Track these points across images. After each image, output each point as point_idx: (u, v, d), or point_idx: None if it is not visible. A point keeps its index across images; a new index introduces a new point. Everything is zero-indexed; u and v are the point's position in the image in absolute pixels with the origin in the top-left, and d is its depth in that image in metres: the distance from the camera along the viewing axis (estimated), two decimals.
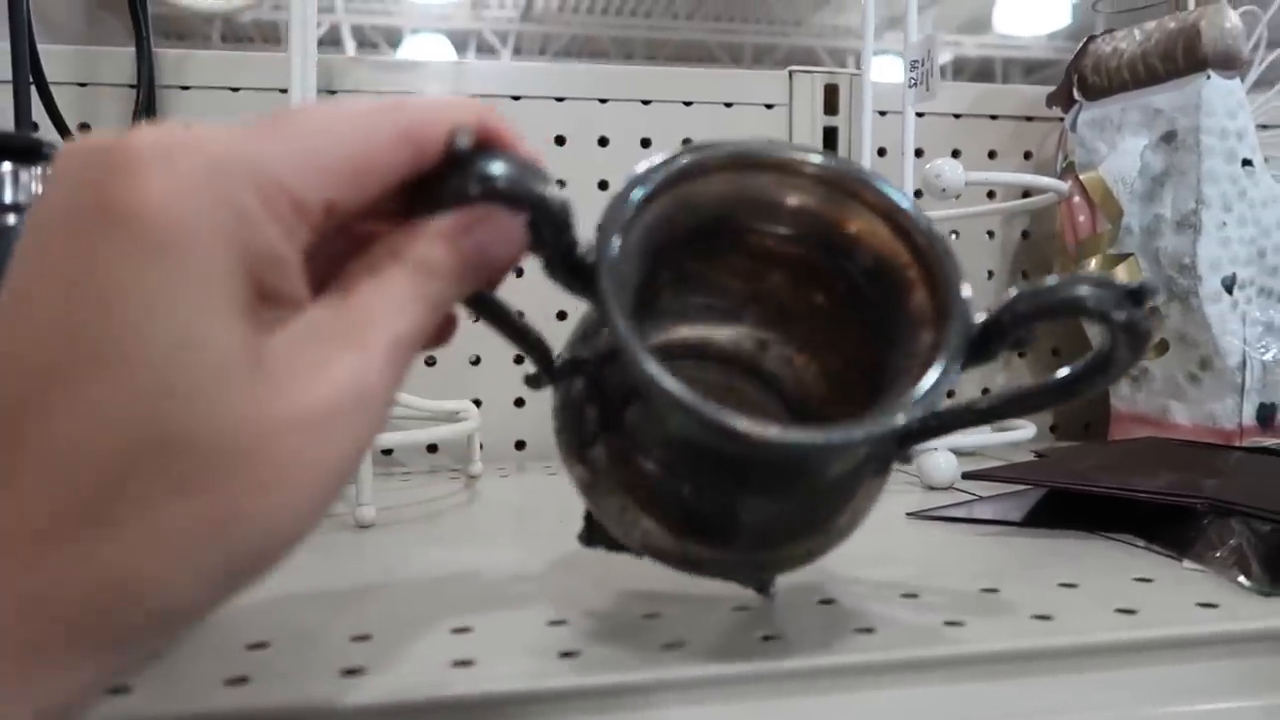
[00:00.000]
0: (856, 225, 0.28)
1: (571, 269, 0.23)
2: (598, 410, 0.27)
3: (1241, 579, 0.34)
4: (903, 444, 0.28)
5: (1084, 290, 0.24)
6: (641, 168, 0.25)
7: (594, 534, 0.31)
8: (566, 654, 0.28)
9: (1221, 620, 0.30)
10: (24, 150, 0.30)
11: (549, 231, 0.22)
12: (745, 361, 0.33)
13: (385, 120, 0.20)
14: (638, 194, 0.24)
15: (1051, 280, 0.25)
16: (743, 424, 0.22)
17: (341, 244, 0.22)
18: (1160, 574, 0.35)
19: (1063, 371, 0.27)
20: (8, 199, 0.30)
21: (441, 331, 0.25)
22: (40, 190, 0.19)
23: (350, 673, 0.26)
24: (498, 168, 0.21)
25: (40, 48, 0.50)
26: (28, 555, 0.16)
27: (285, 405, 0.18)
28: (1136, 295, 0.24)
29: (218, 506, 0.17)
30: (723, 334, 0.33)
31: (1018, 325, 0.25)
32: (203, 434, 0.17)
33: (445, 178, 0.21)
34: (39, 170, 0.30)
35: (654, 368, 0.22)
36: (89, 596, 0.16)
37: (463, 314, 0.25)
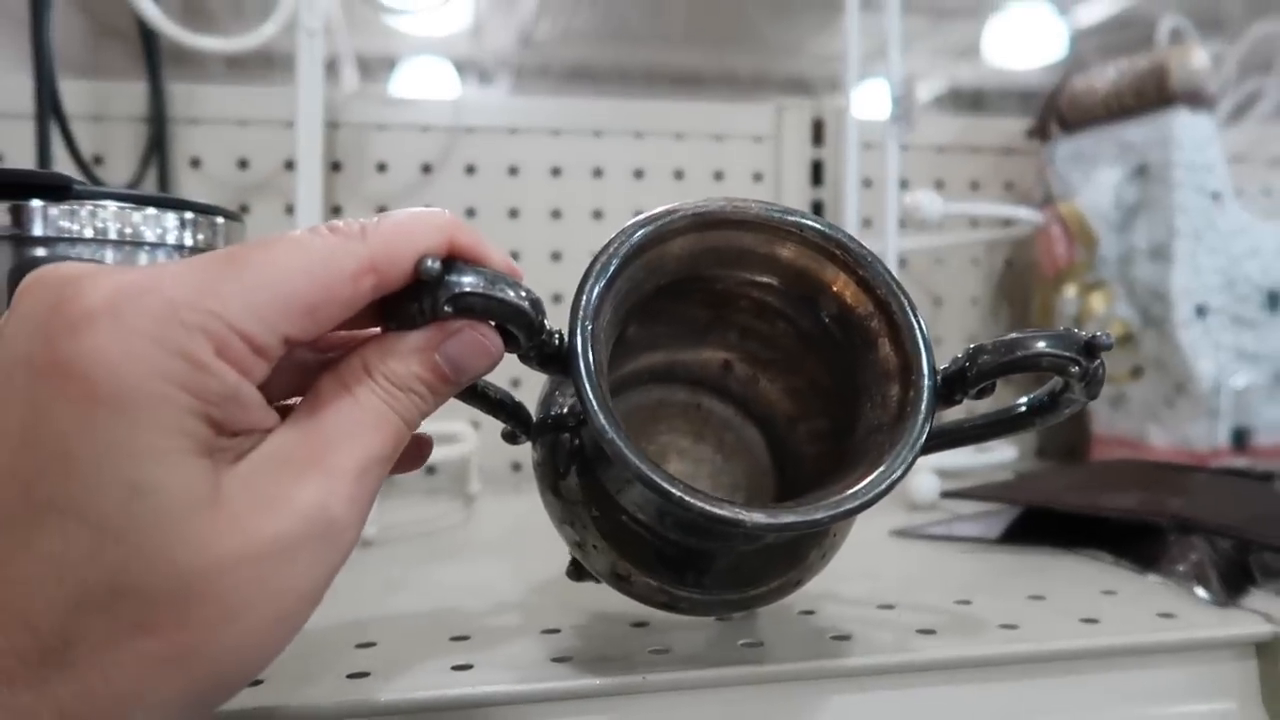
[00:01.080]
0: (821, 278, 0.29)
1: (546, 360, 0.24)
2: (576, 465, 0.28)
3: (1200, 591, 0.35)
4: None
5: (1041, 347, 0.25)
6: (601, 249, 0.26)
7: (581, 570, 0.32)
8: (560, 659, 0.29)
9: (1178, 629, 0.32)
10: (52, 188, 0.32)
11: (523, 334, 0.23)
12: (712, 382, 0.34)
13: (347, 255, 0.20)
14: (599, 285, 0.25)
15: (1011, 336, 0.26)
16: (727, 511, 0.23)
17: (311, 356, 0.22)
18: (1125, 587, 0.37)
19: (1020, 405, 0.28)
20: (37, 232, 0.32)
21: (416, 456, 0.26)
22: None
23: (356, 676, 0.28)
24: (469, 283, 0.21)
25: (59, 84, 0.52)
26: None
27: (246, 539, 0.18)
28: (1089, 349, 0.25)
29: (176, 643, 0.17)
30: (689, 357, 0.34)
31: (980, 379, 0.26)
32: (155, 578, 0.17)
33: (416, 297, 0.21)
34: (68, 208, 0.32)
35: (640, 461, 0.23)
36: None
37: None
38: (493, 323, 0.23)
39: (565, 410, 0.28)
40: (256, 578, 0.18)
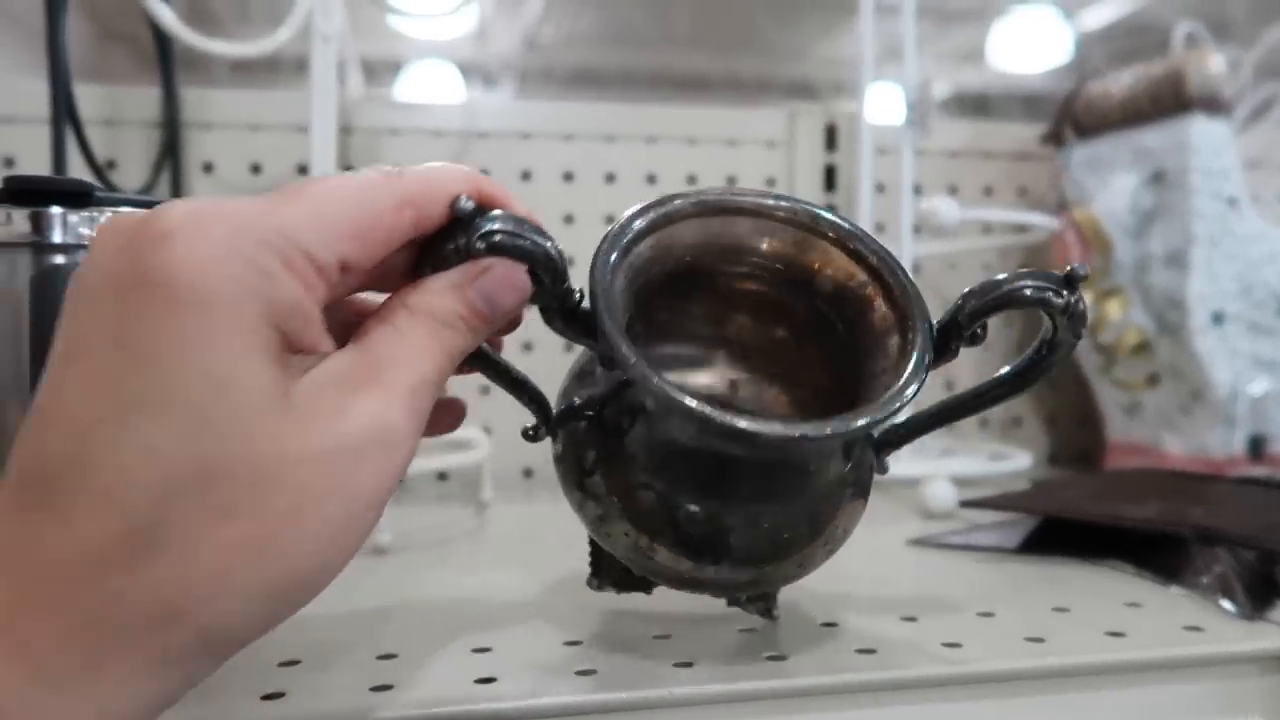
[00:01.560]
0: (815, 257, 0.31)
1: (568, 312, 0.26)
2: (597, 446, 0.28)
3: (1226, 604, 0.35)
4: (880, 449, 0.31)
5: (1024, 283, 0.27)
6: (624, 215, 0.28)
7: (602, 578, 0.33)
8: (583, 672, 0.29)
9: (1207, 643, 0.32)
10: (73, 194, 0.31)
11: (547, 279, 0.25)
12: (720, 401, 0.35)
13: (388, 188, 0.22)
14: (626, 235, 0.27)
15: (994, 278, 0.28)
16: (746, 423, 0.24)
17: (354, 311, 0.24)
18: (1149, 599, 0.37)
19: (1020, 362, 0.30)
20: (56, 239, 0.31)
21: (450, 419, 0.28)
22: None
23: (379, 689, 0.28)
24: (499, 224, 0.23)
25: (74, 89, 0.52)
26: (86, 579, 0.18)
27: (313, 440, 0.20)
28: (1069, 281, 0.27)
29: (254, 531, 0.19)
30: (696, 379, 0.34)
31: (971, 321, 0.28)
32: (238, 465, 0.19)
33: (450, 237, 0.23)
34: (87, 214, 0.31)
35: (660, 379, 0.25)
36: (142, 615, 0.18)
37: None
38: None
39: (584, 395, 0.29)
40: (327, 475, 0.20)
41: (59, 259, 0.32)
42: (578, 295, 0.26)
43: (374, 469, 0.21)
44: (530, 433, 0.30)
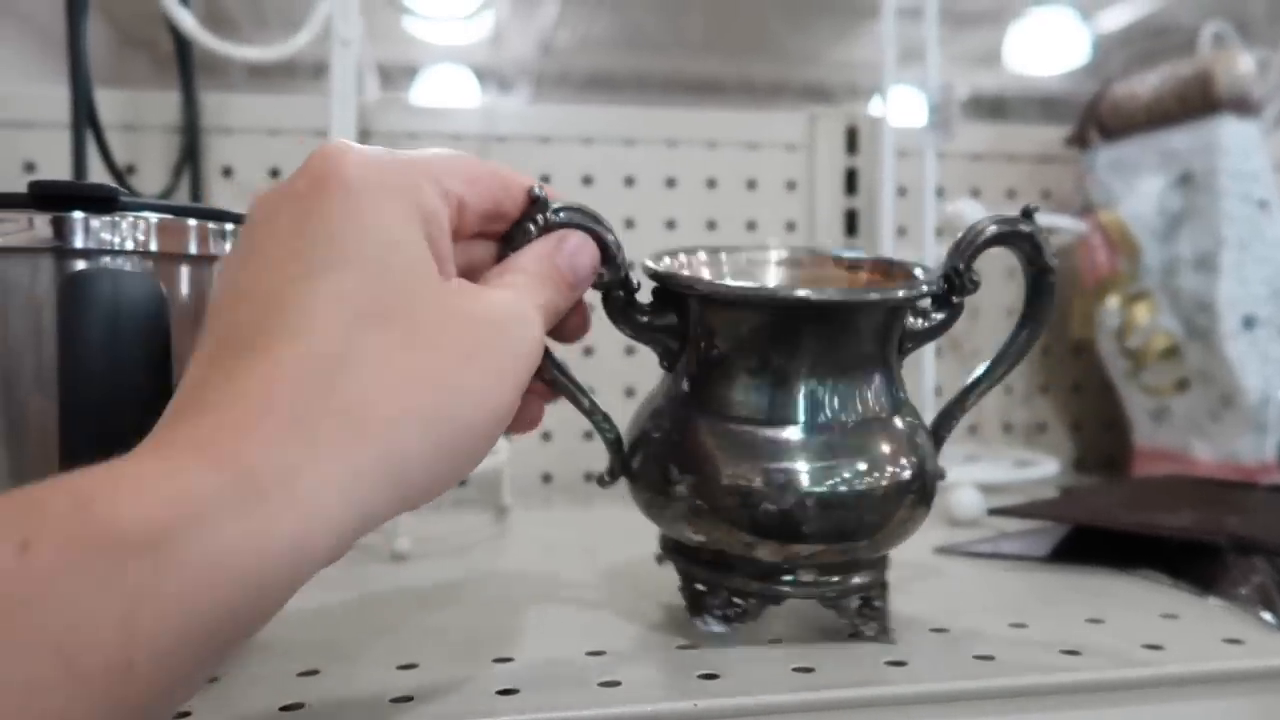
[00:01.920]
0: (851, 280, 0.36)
1: (629, 294, 0.31)
2: (677, 452, 0.31)
3: (1266, 615, 0.34)
4: (939, 439, 0.33)
5: (990, 227, 0.31)
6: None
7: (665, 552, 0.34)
8: (607, 684, 0.28)
9: (1247, 656, 0.31)
10: (97, 200, 0.31)
11: (612, 250, 0.30)
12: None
13: (484, 164, 0.27)
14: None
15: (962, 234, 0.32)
16: (807, 291, 0.29)
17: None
18: (1186, 610, 0.36)
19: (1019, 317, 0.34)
20: (79, 244, 0.31)
21: (578, 328, 0.30)
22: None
23: (400, 700, 0.27)
24: (566, 207, 0.28)
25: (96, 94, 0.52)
26: (288, 396, 0.20)
27: (466, 305, 0.23)
28: (1026, 214, 0.32)
29: (433, 364, 0.22)
30: None
31: (963, 271, 0.32)
32: (415, 306, 0.22)
33: (529, 218, 0.28)
34: (110, 219, 0.31)
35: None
36: (335, 430, 0.20)
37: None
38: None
39: (652, 418, 0.32)
40: (483, 334, 0.23)
41: (81, 264, 0.31)
42: (636, 284, 0.31)
43: (517, 341, 0.24)
44: (605, 478, 0.33)
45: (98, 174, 0.54)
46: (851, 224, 0.71)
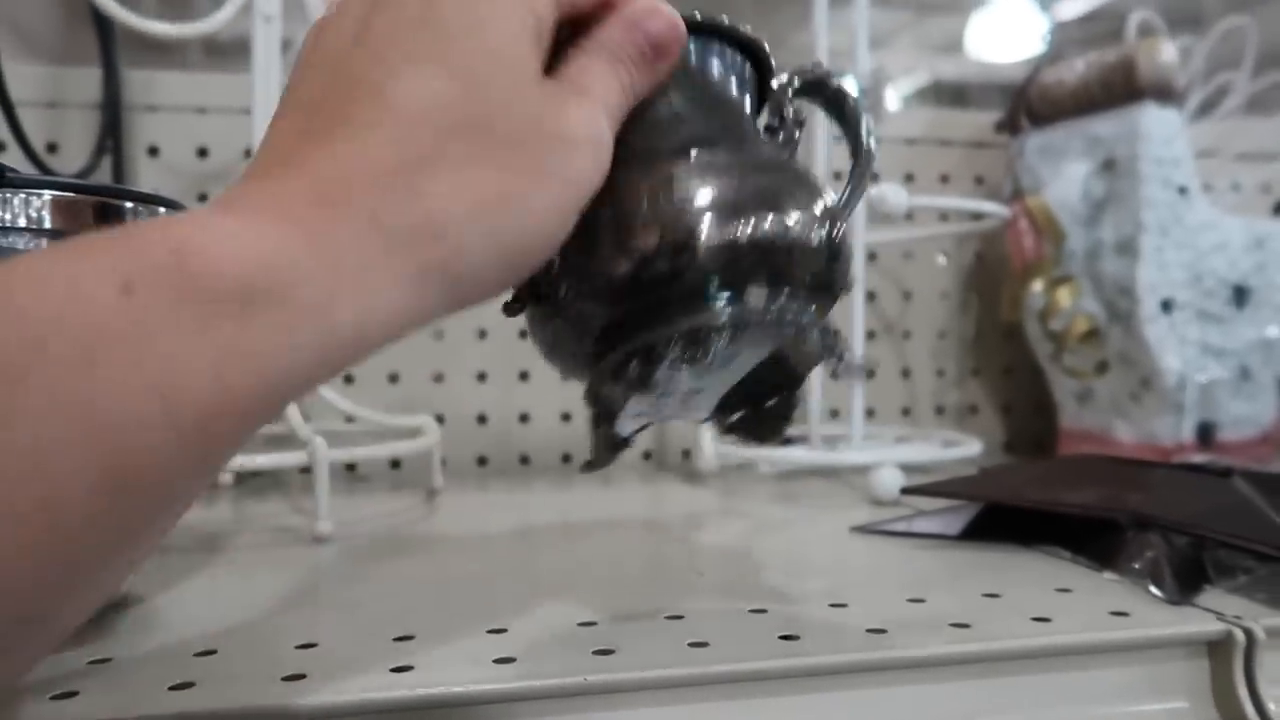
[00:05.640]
0: None
1: None
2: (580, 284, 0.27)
3: (1153, 589, 0.35)
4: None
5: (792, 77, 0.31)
6: None
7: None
8: (502, 660, 0.29)
9: (1130, 627, 0.32)
10: None
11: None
12: None
13: None
14: None
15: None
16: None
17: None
18: (1080, 584, 0.37)
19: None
20: None
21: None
22: None
23: (292, 678, 0.27)
24: None
25: (8, 68, 0.51)
26: (375, 188, 0.21)
27: (555, 122, 0.23)
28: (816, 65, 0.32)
29: (509, 181, 0.22)
30: None
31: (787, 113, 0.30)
32: (505, 123, 0.23)
33: None
34: (1, 195, 0.31)
35: None
36: (413, 226, 0.21)
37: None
38: None
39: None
40: (561, 153, 0.23)
41: None
42: None
43: (588, 162, 0.24)
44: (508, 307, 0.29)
45: (14, 154, 0.53)
46: None
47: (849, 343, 0.30)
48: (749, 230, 0.25)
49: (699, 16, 0.28)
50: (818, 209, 0.27)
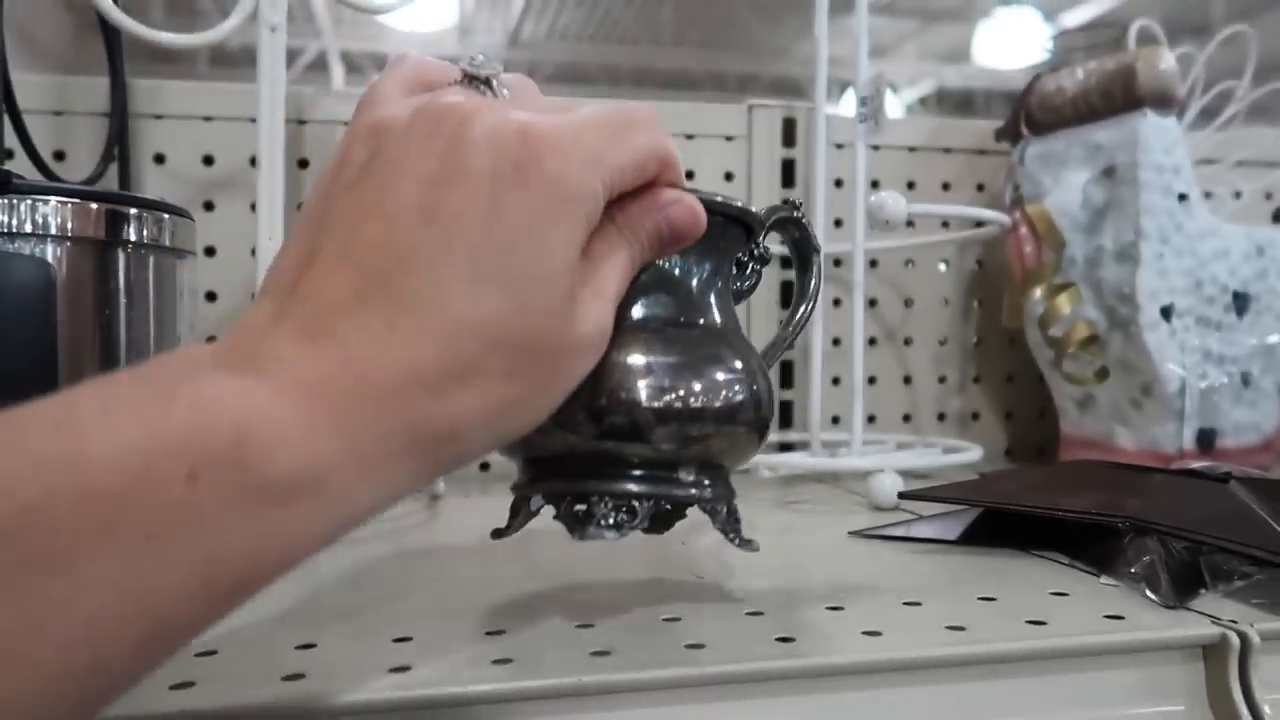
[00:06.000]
0: None
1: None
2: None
3: (1149, 593, 0.35)
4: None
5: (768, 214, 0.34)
6: None
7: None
8: (500, 661, 0.29)
9: (1124, 631, 0.32)
10: None
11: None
12: None
13: (652, 154, 0.26)
14: None
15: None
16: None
17: None
18: (1077, 589, 0.37)
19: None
20: None
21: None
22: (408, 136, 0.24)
23: (291, 678, 0.28)
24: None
25: (16, 77, 0.52)
26: (413, 395, 0.22)
27: (577, 333, 0.25)
28: (790, 204, 0.36)
29: (526, 391, 0.24)
30: None
31: (758, 247, 0.35)
32: (541, 341, 0.24)
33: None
34: (5, 201, 0.31)
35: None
36: (436, 432, 0.23)
37: None
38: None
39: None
40: (573, 362, 0.25)
41: None
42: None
43: (591, 362, 0.26)
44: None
45: (21, 161, 0.53)
46: None
47: (741, 527, 0.33)
48: (678, 406, 0.29)
49: (702, 195, 0.29)
50: (744, 384, 0.30)
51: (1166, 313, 0.60)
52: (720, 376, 0.30)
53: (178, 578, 0.19)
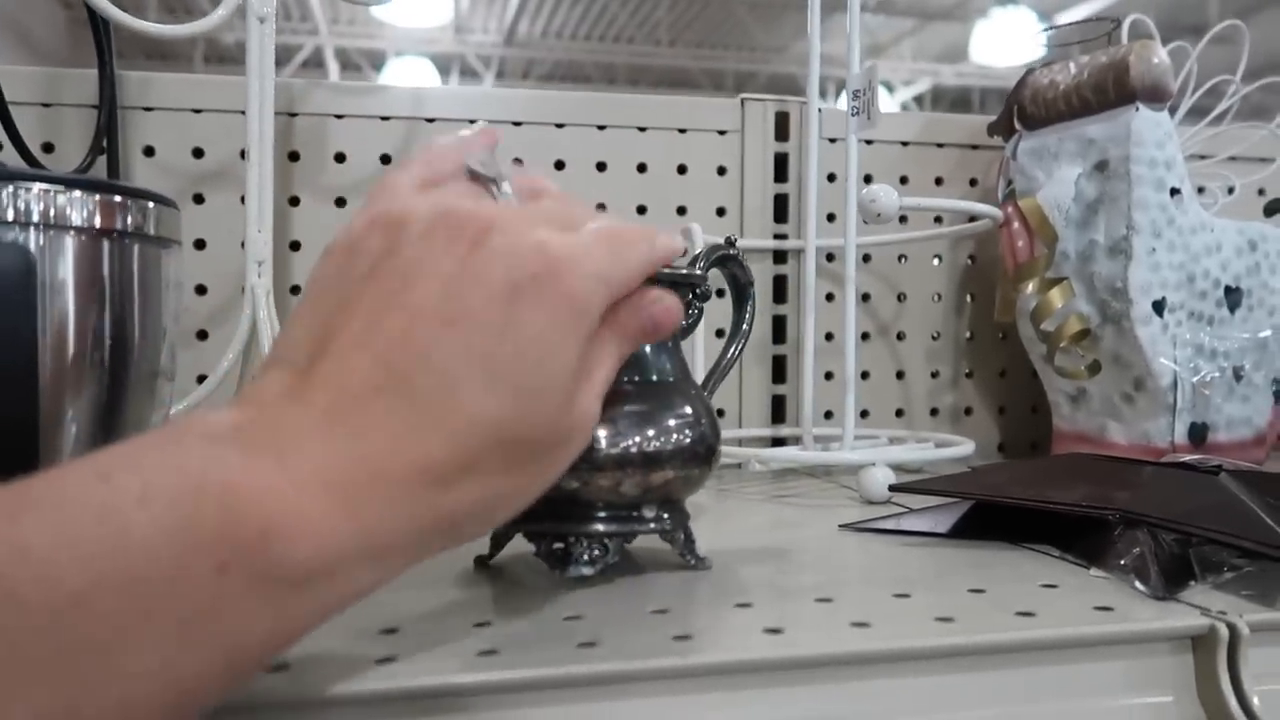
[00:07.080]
0: None
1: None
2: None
3: (1139, 585, 0.35)
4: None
5: (709, 252, 0.39)
6: None
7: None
8: (486, 652, 0.29)
9: (1112, 622, 0.32)
10: None
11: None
12: None
13: (650, 257, 0.29)
14: None
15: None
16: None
17: None
18: (1066, 581, 0.37)
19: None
20: None
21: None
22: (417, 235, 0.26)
23: (277, 669, 0.27)
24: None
25: (3, 69, 0.51)
26: (422, 488, 0.23)
27: (566, 427, 0.26)
28: (729, 243, 0.40)
29: (521, 483, 0.26)
30: None
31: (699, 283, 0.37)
32: (543, 439, 0.26)
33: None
34: None
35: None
36: (438, 522, 0.24)
37: None
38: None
39: None
40: (568, 450, 0.27)
41: None
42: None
43: (579, 447, 0.28)
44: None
45: (9, 152, 0.53)
46: (781, 210, 0.71)
47: (696, 548, 0.38)
48: (639, 456, 0.33)
49: (665, 270, 0.31)
50: (693, 428, 0.35)
51: (1159, 307, 0.60)
52: (673, 423, 0.34)
53: (205, 659, 0.20)
